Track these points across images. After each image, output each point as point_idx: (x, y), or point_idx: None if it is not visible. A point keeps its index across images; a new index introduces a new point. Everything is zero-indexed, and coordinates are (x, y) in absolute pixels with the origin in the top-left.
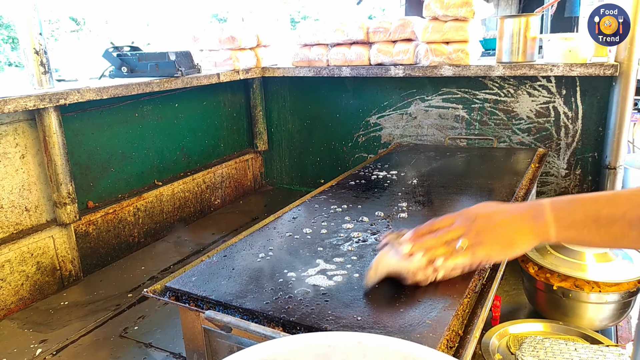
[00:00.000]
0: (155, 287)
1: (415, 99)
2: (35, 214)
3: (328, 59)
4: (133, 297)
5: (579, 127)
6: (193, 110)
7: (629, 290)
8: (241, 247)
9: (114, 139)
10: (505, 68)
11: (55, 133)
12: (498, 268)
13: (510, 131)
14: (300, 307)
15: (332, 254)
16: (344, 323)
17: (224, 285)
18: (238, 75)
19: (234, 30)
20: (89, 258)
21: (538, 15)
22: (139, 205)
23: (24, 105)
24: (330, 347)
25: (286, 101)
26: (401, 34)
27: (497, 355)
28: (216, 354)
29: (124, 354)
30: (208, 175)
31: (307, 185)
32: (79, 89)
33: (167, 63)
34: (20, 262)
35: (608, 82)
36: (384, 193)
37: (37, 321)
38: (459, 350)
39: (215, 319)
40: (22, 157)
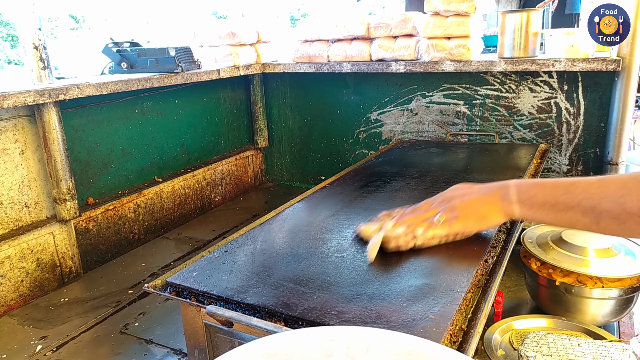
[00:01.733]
0: (156, 282)
1: (416, 94)
2: (35, 210)
3: (329, 54)
4: (133, 293)
5: (580, 123)
6: (193, 107)
7: (631, 285)
8: (242, 242)
9: (114, 135)
10: (507, 63)
11: (55, 129)
12: (500, 263)
13: (512, 127)
14: (302, 302)
15: (333, 249)
16: (346, 318)
17: (225, 281)
18: (238, 71)
19: (234, 26)
20: (89, 254)
21: (540, 10)
22: (139, 202)
23: (23, 100)
24: (333, 342)
25: (286, 97)
26: (402, 29)
27: (500, 350)
28: (217, 349)
29: (125, 351)
30: (208, 171)
31: (307, 182)
32: (79, 85)
33: (167, 59)
34: (20, 259)
35: (610, 78)
36: (385, 189)
37: (37, 318)
38: (462, 345)
39: (216, 314)
40: (21, 153)
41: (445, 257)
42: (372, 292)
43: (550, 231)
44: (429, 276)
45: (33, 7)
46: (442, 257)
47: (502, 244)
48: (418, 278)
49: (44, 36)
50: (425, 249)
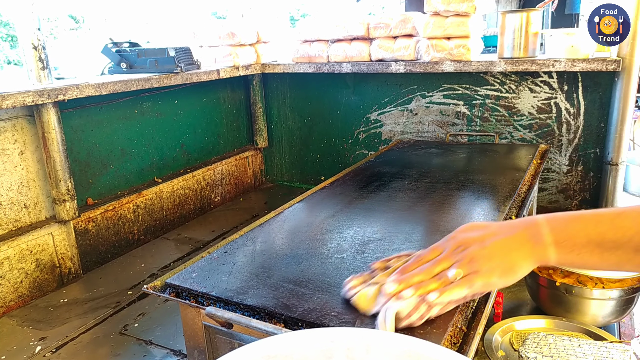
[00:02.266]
0: (155, 283)
1: (416, 95)
2: (34, 210)
3: (328, 54)
4: (133, 294)
5: (580, 123)
6: (193, 107)
7: (632, 286)
8: (242, 243)
9: (113, 136)
10: (506, 63)
11: (54, 129)
12: None
13: (512, 127)
14: (302, 303)
15: (333, 250)
16: (346, 319)
17: (224, 282)
18: (238, 71)
19: (233, 26)
20: (89, 255)
21: (540, 10)
22: (138, 202)
23: (23, 100)
24: (333, 343)
25: (286, 98)
26: (402, 29)
27: (500, 351)
28: (217, 350)
29: (124, 352)
30: (208, 172)
31: (307, 182)
32: (78, 85)
33: (167, 59)
34: (20, 260)
35: (610, 78)
36: (385, 190)
37: (36, 318)
38: (462, 347)
39: (216, 315)
40: (20, 154)
41: None
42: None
43: None
44: None
45: (32, 7)
46: None
47: None
48: None
49: (43, 36)
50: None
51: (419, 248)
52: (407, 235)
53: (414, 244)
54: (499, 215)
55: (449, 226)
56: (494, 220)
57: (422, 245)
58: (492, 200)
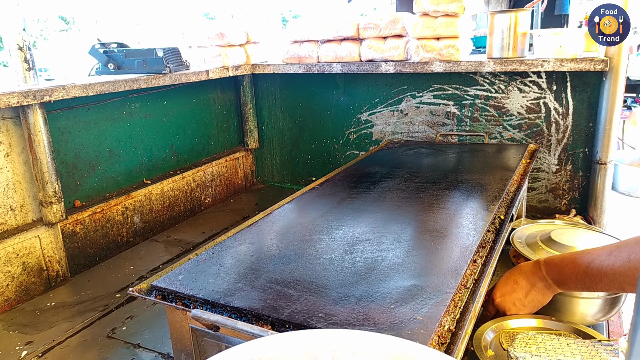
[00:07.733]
0: (141, 286)
1: (406, 95)
2: (20, 213)
3: (318, 55)
4: (121, 297)
5: (569, 123)
6: (182, 108)
7: None
8: (230, 244)
9: (101, 137)
10: (496, 64)
11: (41, 131)
12: (489, 263)
13: (501, 127)
14: (290, 305)
15: (321, 251)
16: (333, 320)
17: (211, 284)
18: (227, 72)
19: (222, 27)
20: (77, 258)
21: (528, 10)
22: (127, 204)
23: (7, 102)
24: (319, 345)
25: (277, 98)
26: (392, 30)
27: (490, 351)
28: (204, 353)
29: (112, 355)
30: (198, 173)
31: (298, 183)
32: (64, 86)
33: (155, 59)
34: (6, 263)
35: (598, 78)
36: (375, 190)
37: (22, 322)
38: (450, 347)
39: (202, 317)
40: (6, 156)
41: (434, 257)
42: (360, 294)
43: (540, 231)
44: (417, 277)
45: (17, 7)
46: (430, 258)
47: (490, 244)
48: (406, 279)
49: (28, 37)
50: (415, 248)
51: (408, 248)
52: (397, 235)
53: (404, 244)
54: (488, 214)
55: (438, 226)
56: (483, 220)
57: (411, 246)
58: (481, 199)
